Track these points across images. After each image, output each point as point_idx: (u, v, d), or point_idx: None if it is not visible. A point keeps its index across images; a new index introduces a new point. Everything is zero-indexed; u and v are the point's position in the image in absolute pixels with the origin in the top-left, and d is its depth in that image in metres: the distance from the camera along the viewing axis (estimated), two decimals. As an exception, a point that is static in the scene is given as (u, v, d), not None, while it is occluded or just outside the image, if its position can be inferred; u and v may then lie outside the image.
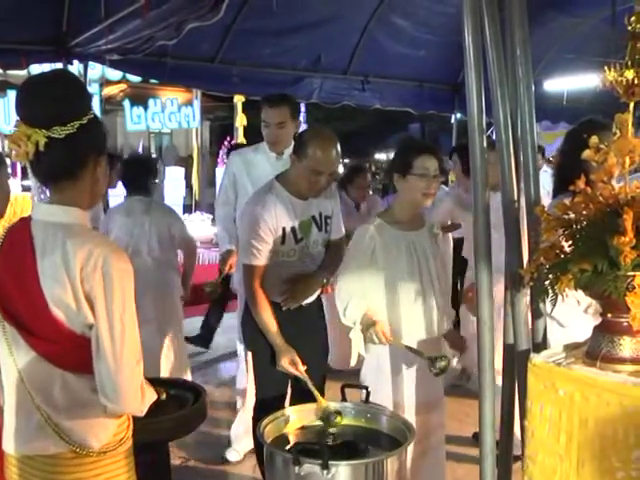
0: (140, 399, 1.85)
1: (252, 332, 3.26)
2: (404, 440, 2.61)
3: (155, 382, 3.21)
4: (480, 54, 2.08)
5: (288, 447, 2.62)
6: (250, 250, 3.12)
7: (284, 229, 3.13)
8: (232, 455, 4.22)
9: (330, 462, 2.34)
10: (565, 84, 7.30)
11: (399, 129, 23.43)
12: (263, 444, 2.59)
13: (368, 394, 2.89)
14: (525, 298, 2.17)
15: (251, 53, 5.97)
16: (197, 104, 17.93)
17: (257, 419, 2.88)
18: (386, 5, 6.00)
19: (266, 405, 3.08)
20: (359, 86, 6.50)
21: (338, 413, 2.82)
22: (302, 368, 3.05)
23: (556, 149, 3.38)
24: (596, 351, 1.95)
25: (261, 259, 3.12)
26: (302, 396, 3.06)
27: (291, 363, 3.04)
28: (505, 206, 2.15)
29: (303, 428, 2.84)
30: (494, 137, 2.24)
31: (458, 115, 7.44)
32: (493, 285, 2.14)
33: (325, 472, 2.32)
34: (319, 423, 2.85)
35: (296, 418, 2.84)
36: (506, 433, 2.34)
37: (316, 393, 2.94)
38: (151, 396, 1.93)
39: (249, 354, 3.64)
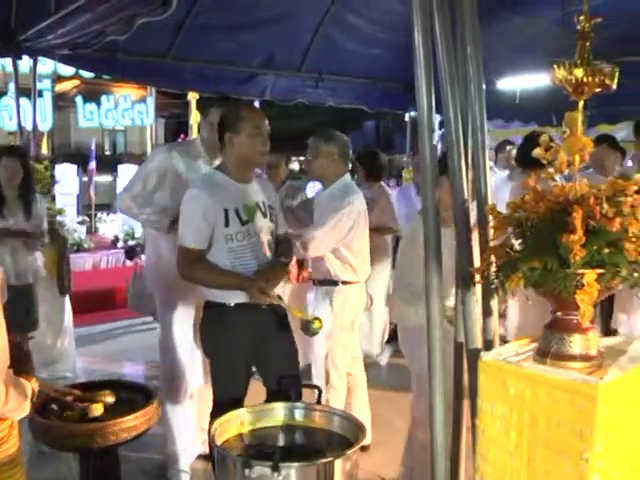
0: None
1: (211, 336, 3.21)
2: (355, 440, 2.59)
3: (106, 385, 3.20)
4: (430, 53, 2.07)
5: (239, 449, 2.59)
6: (188, 231, 3.10)
7: (226, 210, 3.09)
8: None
9: (281, 464, 2.31)
10: (518, 83, 7.38)
11: (354, 126, 23.53)
12: (214, 446, 2.55)
13: (320, 394, 2.87)
14: (475, 296, 2.17)
15: (204, 49, 5.89)
16: (151, 101, 17.78)
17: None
18: (340, 3, 5.98)
19: (223, 409, 3.03)
20: (313, 83, 6.46)
21: (317, 319, 2.93)
22: (273, 294, 3.04)
23: None
24: (546, 348, 1.96)
25: (199, 241, 3.08)
26: (274, 399, 3.04)
27: (262, 292, 3.00)
28: (455, 204, 2.14)
29: (255, 430, 2.81)
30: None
31: (412, 113, 7.46)
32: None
33: (276, 474, 2.29)
34: (271, 424, 2.83)
35: (248, 419, 2.81)
36: (457, 431, 2.34)
37: (292, 310, 3.04)
38: (19, 394, 1.93)
39: None
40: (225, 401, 3.07)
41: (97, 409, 2.90)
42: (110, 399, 2.99)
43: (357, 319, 4.24)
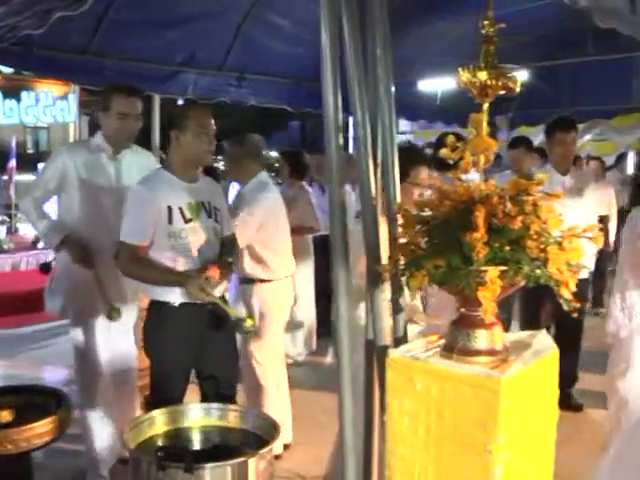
0: None
1: (152, 336, 3.18)
2: (270, 438, 2.60)
3: (21, 390, 3.12)
4: (336, 53, 2.09)
5: (153, 452, 2.56)
6: (130, 227, 3.08)
7: (170, 208, 3.08)
8: None
9: (194, 465, 2.30)
10: (439, 85, 7.52)
11: (279, 126, 23.51)
12: (127, 450, 2.52)
13: (235, 393, 2.88)
14: (384, 294, 2.20)
15: (124, 46, 5.76)
16: (74, 98, 17.41)
17: None
18: (262, 3, 5.96)
19: None
20: (235, 82, 6.41)
21: (249, 317, 2.96)
22: (212, 291, 3.02)
23: None
24: (453, 344, 2.01)
25: (140, 237, 3.07)
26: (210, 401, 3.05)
27: (201, 289, 2.98)
28: (364, 203, 2.17)
29: (170, 431, 2.79)
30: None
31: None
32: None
33: (189, 475, 2.28)
34: (186, 425, 2.81)
35: (163, 421, 2.78)
36: (367, 428, 2.36)
37: (227, 308, 3.03)
38: None
39: None
40: (164, 402, 3.04)
41: (6, 415, 2.82)
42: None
43: (281, 318, 4.25)
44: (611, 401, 3.06)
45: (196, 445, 2.80)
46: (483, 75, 1.92)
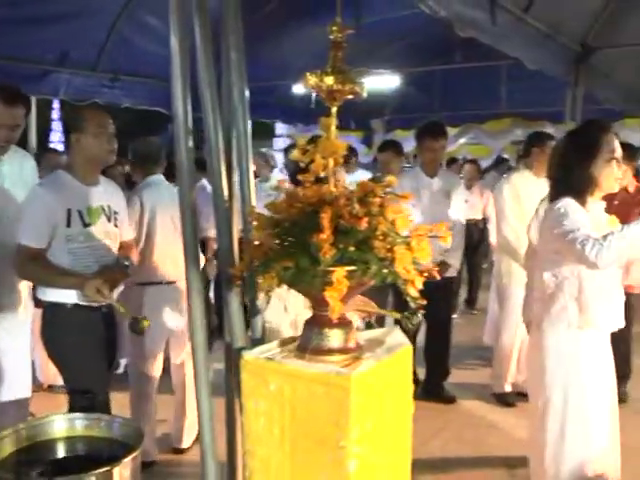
0: None
1: (50, 339, 3.12)
2: (136, 445, 2.56)
3: None
4: (186, 57, 2.09)
5: (15, 467, 2.47)
6: (28, 229, 3.01)
7: (69, 210, 3.03)
8: None
9: (56, 478, 2.25)
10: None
11: (158, 129, 23.06)
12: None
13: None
14: (238, 296, 2.21)
15: (-6, 43, 5.55)
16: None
17: None
18: (136, 2, 5.87)
19: None
20: (109, 83, 6.31)
21: (144, 318, 2.86)
22: (109, 294, 2.94)
23: None
24: (306, 344, 2.04)
25: (38, 239, 2.99)
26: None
27: (97, 291, 2.89)
28: (216, 208, 2.17)
29: (33, 444, 2.70)
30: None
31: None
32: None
33: (51, 488, 2.22)
34: (51, 437, 2.73)
35: (25, 435, 2.68)
36: (230, 432, 2.37)
37: (123, 309, 2.95)
38: None
39: None
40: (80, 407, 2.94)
41: None
42: None
43: (165, 323, 4.19)
44: (538, 396, 3.12)
45: (60, 457, 2.72)
46: (330, 80, 1.96)
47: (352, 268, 1.86)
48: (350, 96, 2.03)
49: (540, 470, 3.07)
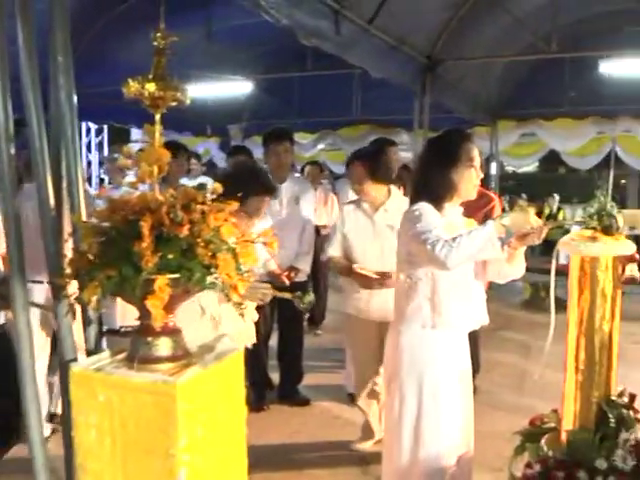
0: None
1: None
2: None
3: None
4: (5, 60, 2.02)
5: None
6: None
7: None
8: None
9: None
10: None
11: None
12: None
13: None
14: (70, 307, 2.15)
15: None
16: None
17: None
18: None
19: None
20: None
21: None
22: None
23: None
24: (134, 353, 2.01)
25: None
26: None
27: None
28: (42, 216, 2.11)
29: None
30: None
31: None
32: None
33: None
34: None
35: None
36: (67, 448, 2.29)
37: None
38: None
39: None
40: None
41: None
42: None
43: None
44: (393, 394, 3.16)
45: None
46: (152, 86, 1.95)
47: (175, 276, 1.86)
48: (173, 103, 2.03)
49: (394, 465, 3.15)
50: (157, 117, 2.01)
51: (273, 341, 5.39)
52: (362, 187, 4.12)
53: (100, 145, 13.50)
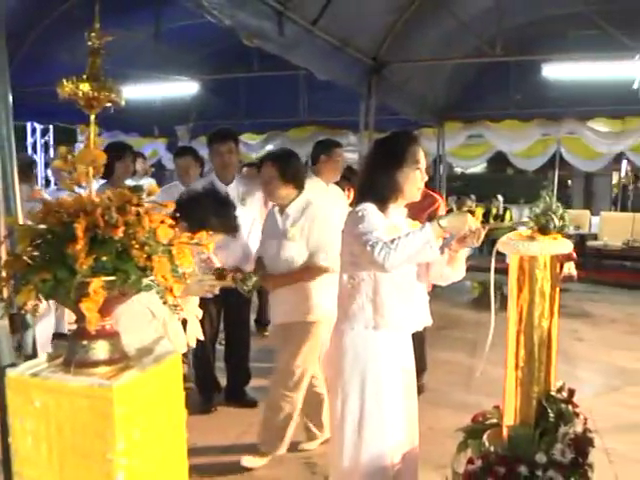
0: None
1: None
2: None
3: None
4: None
5: None
6: None
7: None
8: None
9: None
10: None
11: None
12: None
13: None
14: (5, 312, 2.12)
15: None
16: None
17: None
18: None
19: None
20: None
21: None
22: None
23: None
24: (71, 357, 1.99)
25: None
26: None
27: None
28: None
29: None
30: None
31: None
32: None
33: None
34: None
35: None
36: (5, 456, 2.25)
37: None
38: None
39: None
40: None
41: None
42: None
43: None
44: (336, 394, 3.16)
45: None
46: (86, 87, 1.94)
47: (110, 278, 1.85)
48: (108, 104, 2.01)
49: (339, 464, 3.15)
50: (92, 117, 2.00)
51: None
52: (269, 188, 4.12)
53: (46, 145, 13.28)
